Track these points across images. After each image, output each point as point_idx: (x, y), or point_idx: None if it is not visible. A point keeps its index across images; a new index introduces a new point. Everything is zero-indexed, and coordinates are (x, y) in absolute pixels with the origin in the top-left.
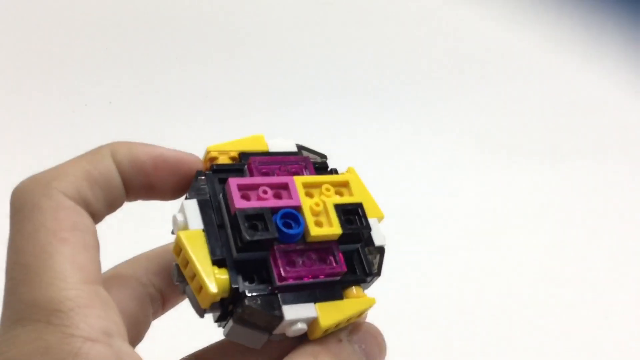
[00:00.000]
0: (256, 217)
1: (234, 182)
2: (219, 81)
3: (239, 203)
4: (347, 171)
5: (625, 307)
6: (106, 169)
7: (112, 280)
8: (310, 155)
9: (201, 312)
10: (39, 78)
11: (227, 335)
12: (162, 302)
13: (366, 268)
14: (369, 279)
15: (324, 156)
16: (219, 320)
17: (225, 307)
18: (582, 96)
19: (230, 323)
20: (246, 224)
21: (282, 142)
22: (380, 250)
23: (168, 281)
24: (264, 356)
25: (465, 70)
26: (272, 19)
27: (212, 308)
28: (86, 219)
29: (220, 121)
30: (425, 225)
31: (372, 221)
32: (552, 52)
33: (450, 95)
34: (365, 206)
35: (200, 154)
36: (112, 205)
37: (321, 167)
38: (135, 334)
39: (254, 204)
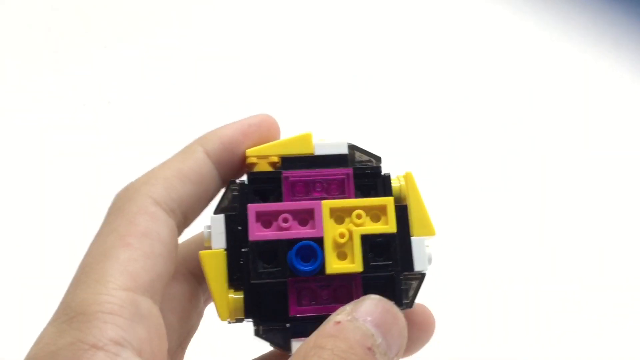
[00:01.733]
0: (271, 250)
1: (252, 209)
2: (220, 80)
3: (254, 235)
4: (404, 176)
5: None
6: (196, 162)
7: None
8: (364, 158)
9: None
10: (37, 77)
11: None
12: None
13: (397, 298)
14: None
15: (378, 158)
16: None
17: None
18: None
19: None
20: (258, 258)
21: (330, 143)
22: (420, 277)
23: None
24: None
25: (466, 69)
26: (275, 16)
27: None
28: (163, 226)
29: (221, 121)
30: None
31: (418, 240)
32: (561, 45)
33: (454, 93)
34: (415, 221)
35: None
36: (207, 197)
37: (373, 172)
38: (189, 328)
39: (270, 235)
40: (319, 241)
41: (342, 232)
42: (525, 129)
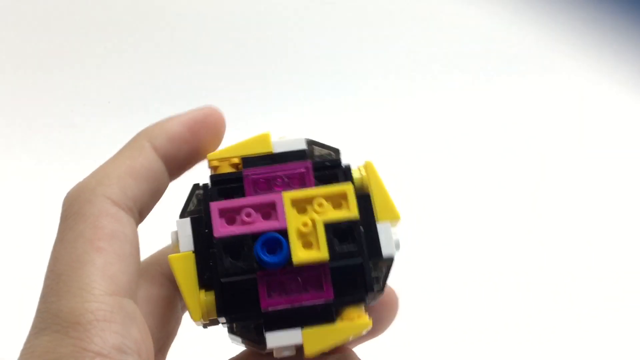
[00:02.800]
0: (237, 245)
1: (215, 206)
2: (219, 80)
3: (217, 231)
4: (363, 166)
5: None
6: (147, 160)
7: (140, 279)
8: (323, 152)
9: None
10: (38, 78)
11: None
12: None
13: (367, 284)
14: (369, 297)
15: (337, 151)
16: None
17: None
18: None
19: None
20: (225, 254)
21: (289, 140)
22: (388, 262)
23: None
24: None
25: (464, 67)
26: (273, 17)
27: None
28: (127, 226)
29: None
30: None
31: (383, 226)
32: (556, 49)
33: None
34: (378, 207)
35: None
36: (158, 194)
37: (333, 164)
38: (167, 333)
39: (235, 230)
40: (284, 233)
41: (305, 222)
42: (516, 128)
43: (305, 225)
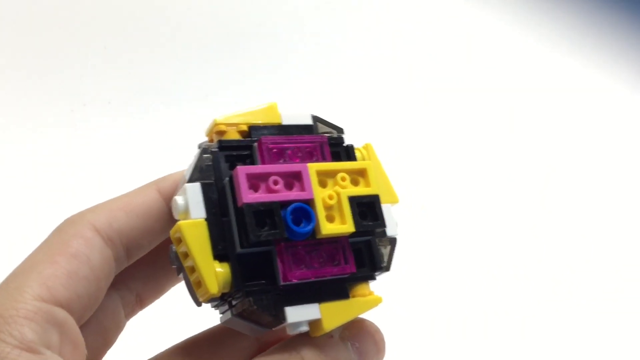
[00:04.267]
0: (264, 213)
1: (242, 171)
2: (219, 80)
3: (247, 197)
4: (363, 147)
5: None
6: (145, 197)
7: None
8: (326, 129)
9: (198, 302)
10: (38, 78)
11: (224, 323)
12: (138, 301)
13: (376, 262)
14: (377, 274)
15: (340, 130)
16: (217, 306)
17: (225, 299)
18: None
19: (229, 315)
20: (253, 221)
21: (296, 114)
22: (392, 242)
23: (144, 281)
24: (251, 341)
25: (464, 66)
26: (274, 17)
27: (210, 300)
28: (96, 252)
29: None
30: (434, 213)
31: (385, 207)
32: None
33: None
34: (379, 190)
35: None
36: (155, 233)
37: (336, 142)
38: (104, 341)
39: (262, 197)
40: (310, 203)
41: (331, 194)
42: (519, 125)
43: (331, 198)
